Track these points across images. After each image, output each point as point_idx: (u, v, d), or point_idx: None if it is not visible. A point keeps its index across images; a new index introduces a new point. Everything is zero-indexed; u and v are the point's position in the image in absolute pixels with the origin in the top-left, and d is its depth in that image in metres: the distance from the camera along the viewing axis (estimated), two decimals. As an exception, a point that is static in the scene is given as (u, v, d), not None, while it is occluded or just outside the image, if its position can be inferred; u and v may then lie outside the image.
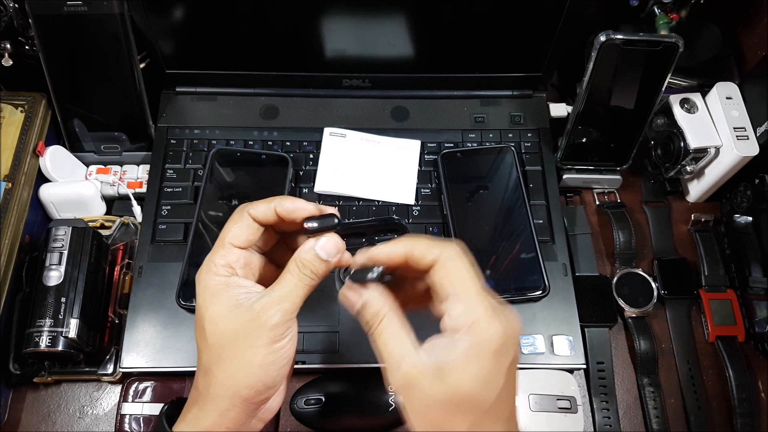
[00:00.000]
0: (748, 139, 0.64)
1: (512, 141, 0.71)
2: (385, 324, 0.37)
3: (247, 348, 0.38)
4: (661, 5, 0.68)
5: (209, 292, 0.39)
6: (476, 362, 0.34)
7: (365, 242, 0.59)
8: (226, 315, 0.38)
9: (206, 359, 0.39)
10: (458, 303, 0.35)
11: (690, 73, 0.72)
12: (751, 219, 0.66)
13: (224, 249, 0.40)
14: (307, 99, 0.72)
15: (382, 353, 0.36)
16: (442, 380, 0.34)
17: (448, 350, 0.34)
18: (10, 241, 0.59)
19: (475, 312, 0.34)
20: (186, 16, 0.63)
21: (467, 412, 0.34)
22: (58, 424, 0.59)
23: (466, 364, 0.34)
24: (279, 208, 0.41)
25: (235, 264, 0.40)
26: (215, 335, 0.38)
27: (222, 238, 0.40)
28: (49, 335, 0.56)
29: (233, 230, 0.40)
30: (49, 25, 0.61)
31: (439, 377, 0.34)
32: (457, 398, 0.33)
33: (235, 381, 0.38)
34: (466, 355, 0.34)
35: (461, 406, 0.34)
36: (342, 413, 0.57)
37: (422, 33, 0.66)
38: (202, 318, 0.39)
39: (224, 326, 0.38)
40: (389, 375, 0.36)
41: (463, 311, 0.35)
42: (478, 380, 0.33)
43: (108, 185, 0.68)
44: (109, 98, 0.66)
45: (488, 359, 0.34)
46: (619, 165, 0.69)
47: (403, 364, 0.35)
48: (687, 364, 0.63)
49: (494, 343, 0.34)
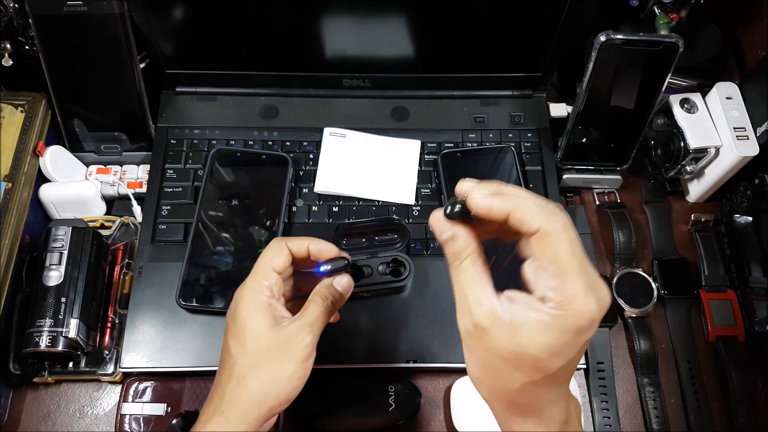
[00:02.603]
0: (748, 139, 0.64)
1: (512, 141, 0.71)
2: (467, 264, 0.36)
3: (282, 362, 0.43)
4: (661, 5, 0.68)
5: (254, 307, 0.45)
6: (556, 334, 0.33)
7: (365, 242, 0.59)
8: (266, 331, 0.44)
9: (242, 367, 0.43)
10: (554, 276, 0.33)
11: (690, 73, 0.72)
12: (751, 219, 0.66)
13: (266, 271, 0.46)
14: (307, 99, 0.72)
15: (457, 292, 0.36)
16: (514, 337, 0.33)
17: (529, 311, 0.33)
18: (10, 241, 0.59)
19: (569, 290, 0.33)
20: (186, 16, 0.63)
21: (528, 372, 0.34)
22: (58, 424, 0.59)
23: (545, 332, 0.33)
24: (312, 247, 0.48)
25: (273, 287, 0.46)
26: (255, 347, 0.43)
27: (262, 261, 0.47)
28: (49, 335, 0.56)
29: (274, 257, 0.47)
30: (49, 25, 0.61)
31: (512, 333, 0.33)
32: (522, 357, 0.34)
33: (266, 391, 0.43)
34: (548, 324, 0.33)
35: (523, 365, 0.34)
36: (342, 413, 0.57)
37: (422, 33, 0.66)
38: (243, 330, 0.44)
39: (264, 341, 0.43)
40: (459, 316, 0.36)
41: (558, 285, 0.33)
42: (549, 349, 0.33)
43: (108, 185, 0.68)
44: (109, 98, 0.66)
45: (570, 335, 0.33)
46: (619, 165, 0.69)
47: (477, 310, 0.35)
48: (687, 364, 0.63)
49: (581, 322, 0.33)
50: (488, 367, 0.35)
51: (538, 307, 0.33)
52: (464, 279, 0.36)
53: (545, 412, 0.36)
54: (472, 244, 0.37)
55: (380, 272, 0.57)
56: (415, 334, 0.60)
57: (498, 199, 0.35)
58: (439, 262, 0.63)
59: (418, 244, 0.65)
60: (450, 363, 0.59)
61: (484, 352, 0.35)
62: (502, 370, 0.35)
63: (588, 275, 0.33)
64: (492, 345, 0.34)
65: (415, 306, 0.61)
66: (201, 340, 0.59)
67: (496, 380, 0.36)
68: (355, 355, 0.59)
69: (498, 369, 0.35)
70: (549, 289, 0.33)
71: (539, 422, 0.36)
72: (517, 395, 0.35)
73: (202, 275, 0.60)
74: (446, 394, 0.60)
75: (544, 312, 0.33)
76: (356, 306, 0.60)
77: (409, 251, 0.64)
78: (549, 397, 0.36)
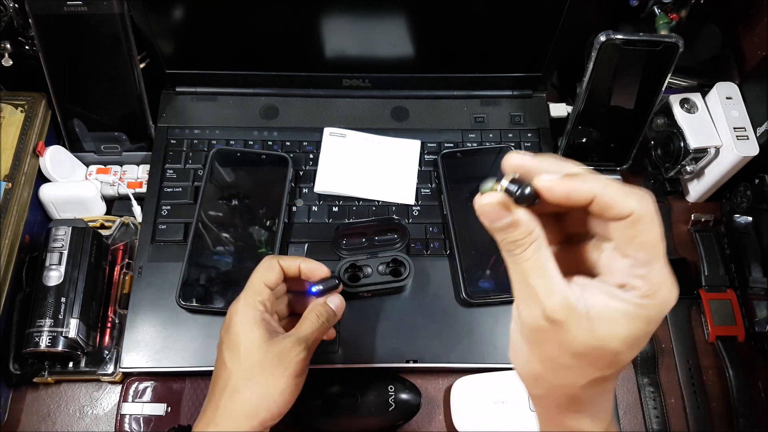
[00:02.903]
0: (748, 139, 0.64)
1: (512, 141, 0.71)
2: (532, 251, 0.31)
3: (275, 376, 0.45)
4: (661, 5, 0.68)
5: (249, 322, 0.46)
6: (640, 325, 0.30)
7: (365, 242, 0.59)
8: (261, 345, 0.45)
9: (237, 380, 0.45)
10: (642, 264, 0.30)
11: (690, 73, 0.72)
12: (751, 219, 0.66)
13: (259, 287, 0.48)
14: (307, 99, 0.72)
15: (519, 283, 0.32)
16: (592, 329, 0.30)
17: (610, 301, 0.30)
18: (10, 241, 0.59)
19: (657, 277, 0.30)
20: (186, 16, 0.63)
21: (602, 367, 0.31)
22: (58, 424, 0.59)
23: (628, 323, 0.30)
24: (303, 266, 0.51)
25: (267, 302, 0.48)
26: (249, 361, 0.45)
27: (255, 277, 0.49)
28: (49, 335, 0.56)
29: (266, 274, 0.49)
30: (49, 25, 0.61)
31: (590, 325, 0.30)
32: (600, 351, 0.30)
33: (259, 404, 0.44)
34: (633, 315, 0.30)
35: (599, 360, 0.31)
36: (342, 413, 0.57)
37: (422, 33, 0.66)
38: (238, 344, 0.45)
39: (258, 355, 0.45)
40: (526, 309, 0.31)
41: (647, 273, 0.30)
42: (629, 341, 0.30)
43: (108, 185, 0.68)
44: (109, 98, 0.66)
45: (652, 325, 0.31)
46: (619, 165, 0.69)
47: (549, 301, 0.30)
48: (687, 364, 0.63)
49: (665, 311, 0.31)
50: (555, 363, 0.32)
51: (619, 295, 0.30)
52: (530, 267, 0.31)
53: (601, 406, 0.34)
54: (536, 228, 0.31)
55: (380, 272, 0.57)
56: (415, 334, 0.60)
57: (579, 183, 0.30)
58: (439, 262, 0.63)
59: (418, 244, 0.65)
60: (450, 363, 0.59)
61: (554, 347, 0.31)
62: (573, 365, 0.31)
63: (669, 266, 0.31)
64: (566, 339, 0.30)
65: (415, 306, 0.61)
66: (201, 340, 0.59)
67: (562, 377, 0.32)
68: (355, 355, 0.59)
69: (567, 365, 0.31)
70: (635, 276, 0.30)
71: (593, 417, 0.34)
72: (581, 391, 0.33)
73: (202, 275, 0.60)
74: (446, 394, 0.60)
75: (629, 301, 0.30)
76: (356, 306, 0.60)
77: (409, 251, 0.64)
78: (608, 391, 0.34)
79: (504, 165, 0.32)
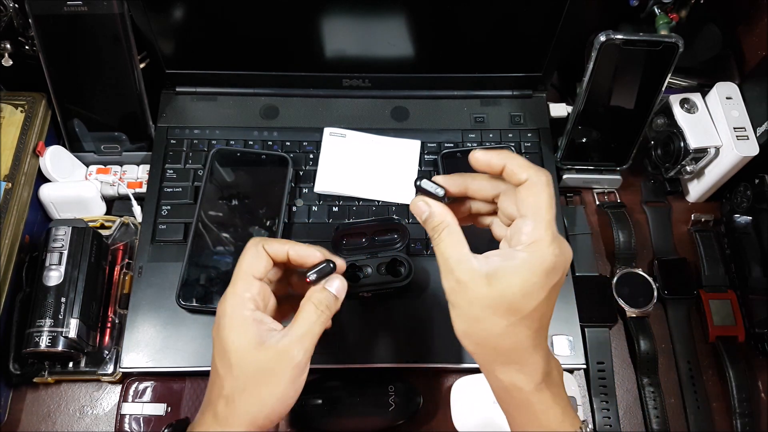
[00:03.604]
0: (748, 139, 0.64)
1: (512, 141, 0.71)
2: (446, 233, 0.41)
3: (271, 383, 0.41)
4: (661, 5, 0.68)
5: (236, 324, 0.42)
6: (526, 275, 0.38)
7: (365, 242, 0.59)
8: (252, 351, 0.41)
9: (230, 389, 0.42)
10: (528, 223, 0.39)
11: (690, 73, 0.72)
12: (751, 219, 0.66)
13: (246, 281, 0.43)
14: (307, 99, 0.72)
15: (440, 258, 0.41)
16: (490, 285, 0.38)
17: (503, 260, 0.39)
18: (10, 241, 0.59)
19: (539, 233, 0.38)
20: (186, 16, 0.63)
21: (504, 316, 0.38)
22: (58, 424, 0.59)
23: (516, 274, 0.38)
24: (292, 252, 0.45)
25: (257, 297, 0.44)
26: (241, 368, 0.41)
27: (242, 270, 0.44)
28: (49, 335, 0.56)
29: (253, 263, 0.44)
30: (49, 25, 0.61)
31: (488, 282, 0.38)
32: (498, 301, 0.38)
33: (256, 412, 0.41)
34: (518, 267, 0.38)
35: (500, 310, 0.38)
36: (342, 413, 0.57)
37: (422, 33, 0.66)
38: (227, 350, 0.42)
39: (250, 361, 0.41)
40: (443, 278, 0.41)
41: (530, 230, 0.39)
42: (522, 290, 0.38)
43: (108, 185, 0.68)
44: (109, 98, 0.66)
45: (537, 275, 0.38)
46: (619, 165, 0.69)
47: (458, 268, 0.39)
48: (687, 364, 0.63)
49: (547, 263, 0.38)
50: (471, 317, 0.40)
51: (513, 253, 0.39)
52: (445, 245, 0.41)
53: (525, 359, 0.40)
54: (447, 215, 0.41)
55: (380, 272, 0.57)
56: (415, 334, 0.60)
57: (495, 154, 0.41)
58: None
59: (418, 244, 0.65)
60: (450, 363, 0.59)
61: (467, 305, 0.39)
62: (484, 317, 0.39)
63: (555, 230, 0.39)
64: (473, 296, 0.39)
65: (415, 306, 0.61)
66: (201, 340, 0.59)
67: (480, 329, 0.40)
68: (355, 355, 0.59)
69: (480, 317, 0.39)
70: (525, 233, 0.39)
71: (520, 369, 0.40)
72: (498, 340, 0.39)
73: (202, 275, 0.60)
74: (446, 394, 0.60)
75: (515, 257, 0.39)
76: (356, 306, 0.60)
77: (409, 251, 0.64)
78: (526, 343, 0.40)
79: (469, 160, 0.42)
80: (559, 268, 0.39)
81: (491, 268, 0.39)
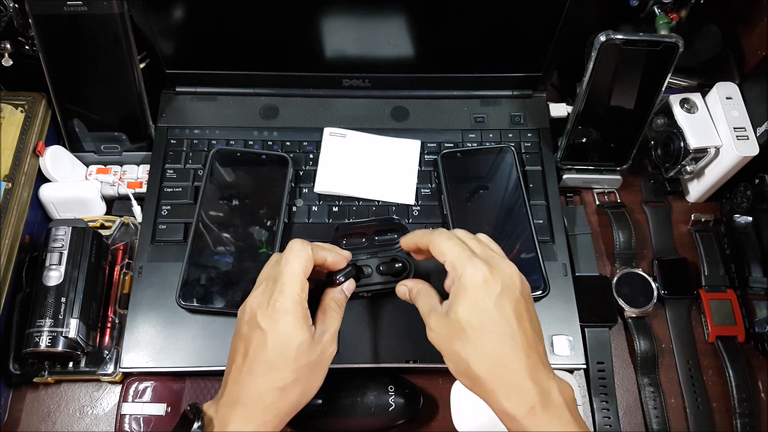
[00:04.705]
0: (748, 139, 0.64)
1: (512, 141, 0.71)
2: (419, 295, 0.50)
3: (317, 375, 0.48)
4: (661, 5, 0.68)
5: (299, 323, 0.46)
6: (463, 298, 0.45)
7: (365, 242, 0.59)
8: (310, 347, 0.47)
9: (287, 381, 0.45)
10: (449, 264, 0.47)
11: (690, 73, 0.72)
12: (751, 219, 0.66)
13: (301, 281, 0.47)
14: (307, 99, 0.72)
15: (422, 314, 0.49)
16: (447, 317, 0.46)
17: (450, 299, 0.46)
18: (10, 241, 0.59)
19: (458, 264, 0.46)
20: (186, 16, 0.63)
21: (464, 336, 0.44)
22: (58, 424, 0.59)
23: (456, 301, 0.45)
24: (330, 259, 0.51)
25: (305, 296, 0.48)
26: (299, 362, 0.46)
27: (295, 271, 0.48)
28: (49, 335, 0.56)
29: (306, 265, 0.48)
30: (49, 25, 0.61)
31: (446, 316, 0.46)
32: (457, 326, 0.45)
33: (301, 401, 0.47)
34: (455, 295, 0.46)
35: (461, 334, 0.44)
36: (342, 413, 0.57)
37: (422, 33, 0.66)
38: (289, 345, 0.46)
39: (308, 357, 0.46)
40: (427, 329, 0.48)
41: (452, 267, 0.47)
42: (466, 310, 0.44)
43: (108, 185, 0.68)
44: (109, 98, 0.66)
45: (473, 289, 0.45)
46: (619, 165, 0.69)
47: (429, 317, 0.48)
48: (687, 364, 0.63)
49: (475, 280, 0.45)
50: (451, 354, 0.45)
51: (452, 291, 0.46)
52: (420, 302, 0.50)
53: (508, 384, 0.43)
54: (419, 282, 0.52)
55: (380, 272, 0.57)
56: (415, 334, 0.60)
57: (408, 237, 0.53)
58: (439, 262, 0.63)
59: (418, 244, 0.65)
60: (450, 363, 0.59)
61: (445, 344, 0.46)
62: (457, 349, 0.44)
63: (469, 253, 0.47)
64: (444, 333, 0.46)
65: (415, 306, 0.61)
66: (201, 340, 0.59)
67: (459, 361, 0.45)
68: (355, 355, 0.59)
69: (454, 350, 0.45)
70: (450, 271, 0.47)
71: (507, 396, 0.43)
72: (475, 368, 0.43)
73: (202, 275, 0.60)
74: (446, 394, 0.60)
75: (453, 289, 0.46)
76: (356, 306, 0.60)
77: (409, 251, 0.64)
78: (507, 367, 0.43)
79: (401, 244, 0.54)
80: (494, 281, 0.44)
81: (446, 307, 0.46)
